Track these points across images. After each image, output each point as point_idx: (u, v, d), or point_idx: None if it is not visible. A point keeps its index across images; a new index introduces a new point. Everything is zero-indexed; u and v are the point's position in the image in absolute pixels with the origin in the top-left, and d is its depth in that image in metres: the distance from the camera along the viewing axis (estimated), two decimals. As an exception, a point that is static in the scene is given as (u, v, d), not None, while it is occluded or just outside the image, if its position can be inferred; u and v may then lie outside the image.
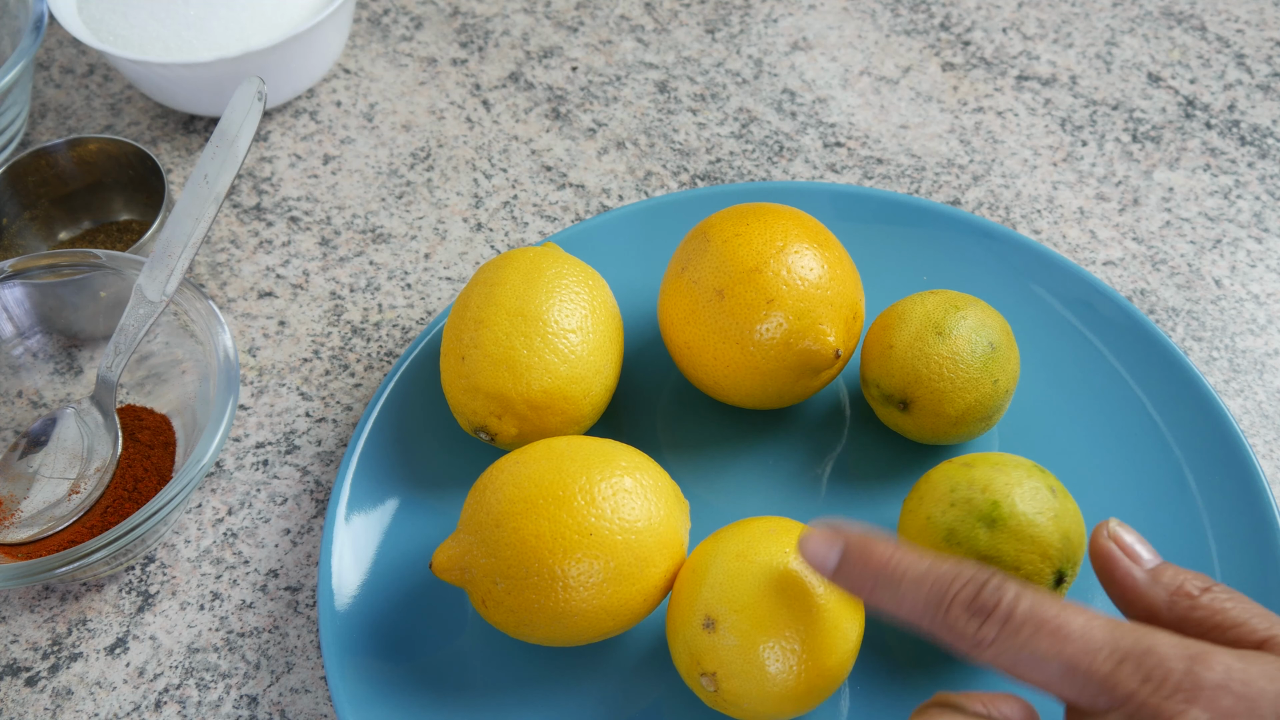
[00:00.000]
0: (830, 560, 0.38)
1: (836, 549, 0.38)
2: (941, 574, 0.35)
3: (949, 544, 0.43)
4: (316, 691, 0.48)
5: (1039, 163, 0.64)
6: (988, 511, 0.43)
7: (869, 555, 0.37)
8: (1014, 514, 0.43)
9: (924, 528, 0.44)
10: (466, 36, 0.72)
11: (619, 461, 0.44)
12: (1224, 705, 0.31)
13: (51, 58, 0.72)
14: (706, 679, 0.41)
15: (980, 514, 0.43)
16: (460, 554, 0.44)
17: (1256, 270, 0.59)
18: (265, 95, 0.53)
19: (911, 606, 0.36)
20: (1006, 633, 0.34)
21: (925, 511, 0.44)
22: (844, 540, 0.38)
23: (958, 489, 0.44)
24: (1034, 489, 0.44)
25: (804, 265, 0.48)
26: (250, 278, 0.61)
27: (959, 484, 0.44)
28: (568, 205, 0.63)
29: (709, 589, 0.41)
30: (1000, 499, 0.43)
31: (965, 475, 0.44)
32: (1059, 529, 0.43)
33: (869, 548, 0.37)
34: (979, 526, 0.43)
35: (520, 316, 0.48)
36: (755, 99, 0.68)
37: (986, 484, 0.44)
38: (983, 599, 0.34)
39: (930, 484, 0.45)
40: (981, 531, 0.43)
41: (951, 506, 0.44)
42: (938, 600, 0.35)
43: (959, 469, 0.45)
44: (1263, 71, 0.68)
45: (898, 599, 0.36)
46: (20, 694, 0.48)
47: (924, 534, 0.44)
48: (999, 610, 0.34)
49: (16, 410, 0.55)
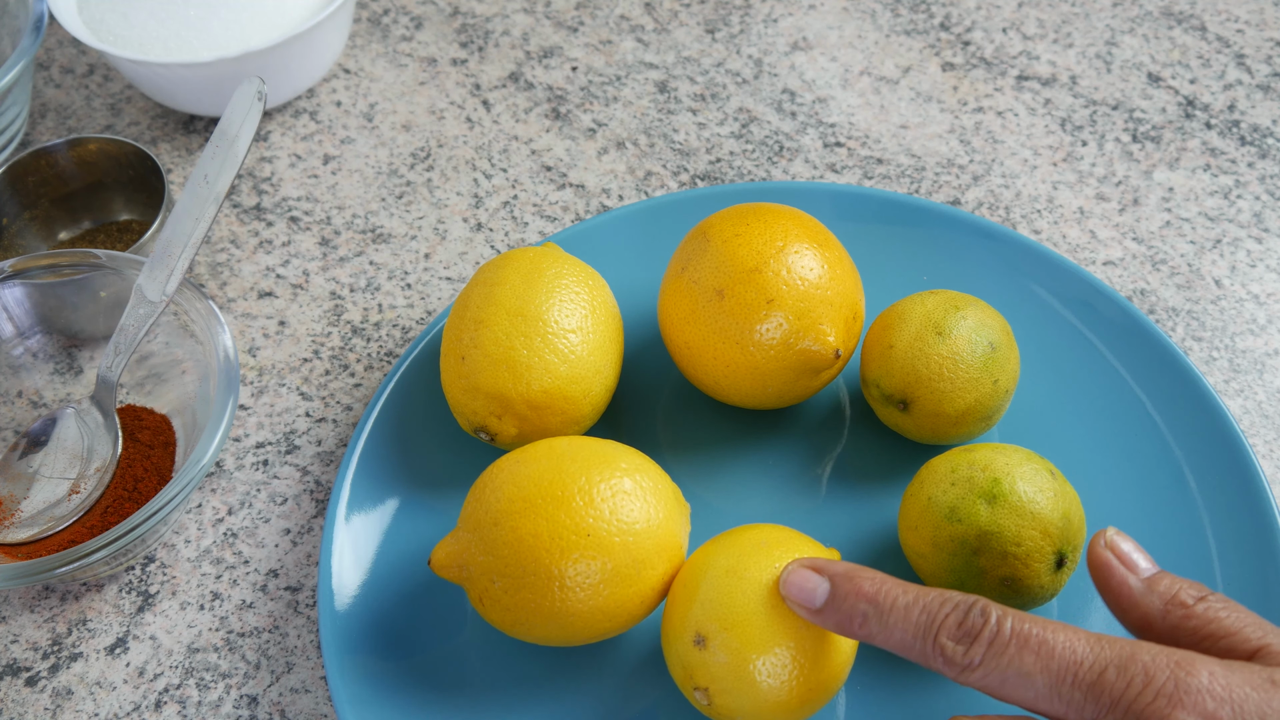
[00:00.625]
0: (818, 596, 0.38)
1: (824, 585, 0.38)
2: (928, 602, 0.36)
3: (950, 521, 0.44)
4: (316, 691, 0.48)
5: (1039, 163, 0.64)
6: (988, 488, 0.44)
7: (857, 588, 0.37)
8: (1014, 491, 0.44)
9: (925, 508, 0.45)
10: (466, 36, 0.72)
11: (619, 463, 0.44)
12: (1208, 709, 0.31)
13: (51, 58, 0.72)
14: (700, 693, 0.41)
15: (981, 491, 0.44)
16: (459, 551, 0.44)
17: (1256, 270, 0.59)
18: (265, 95, 0.53)
19: (901, 636, 0.36)
20: (993, 653, 0.34)
21: (926, 493, 0.45)
22: (829, 575, 0.38)
23: (958, 469, 0.45)
24: (1034, 470, 0.44)
25: (804, 265, 0.48)
26: (250, 278, 0.61)
27: (959, 465, 0.45)
28: (568, 205, 0.63)
29: (699, 605, 0.41)
30: (1001, 476, 0.44)
31: (966, 458, 0.45)
32: (1059, 508, 0.44)
33: (855, 580, 0.38)
34: (980, 503, 0.44)
35: (520, 316, 0.48)
36: (755, 99, 0.68)
37: (987, 464, 0.45)
38: (969, 622, 0.35)
39: (930, 469, 0.46)
40: (982, 507, 0.43)
41: (952, 486, 0.45)
42: (925, 627, 0.36)
43: (959, 453, 0.46)
44: (1263, 71, 0.68)
45: (886, 630, 0.37)
46: (20, 694, 0.48)
47: (926, 514, 0.45)
48: (985, 632, 0.35)
49: (16, 410, 0.55)
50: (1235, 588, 0.47)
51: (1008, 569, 0.43)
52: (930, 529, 0.45)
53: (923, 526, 0.45)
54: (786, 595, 0.39)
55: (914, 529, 0.46)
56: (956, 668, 0.35)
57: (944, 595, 0.36)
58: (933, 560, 0.45)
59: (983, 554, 0.43)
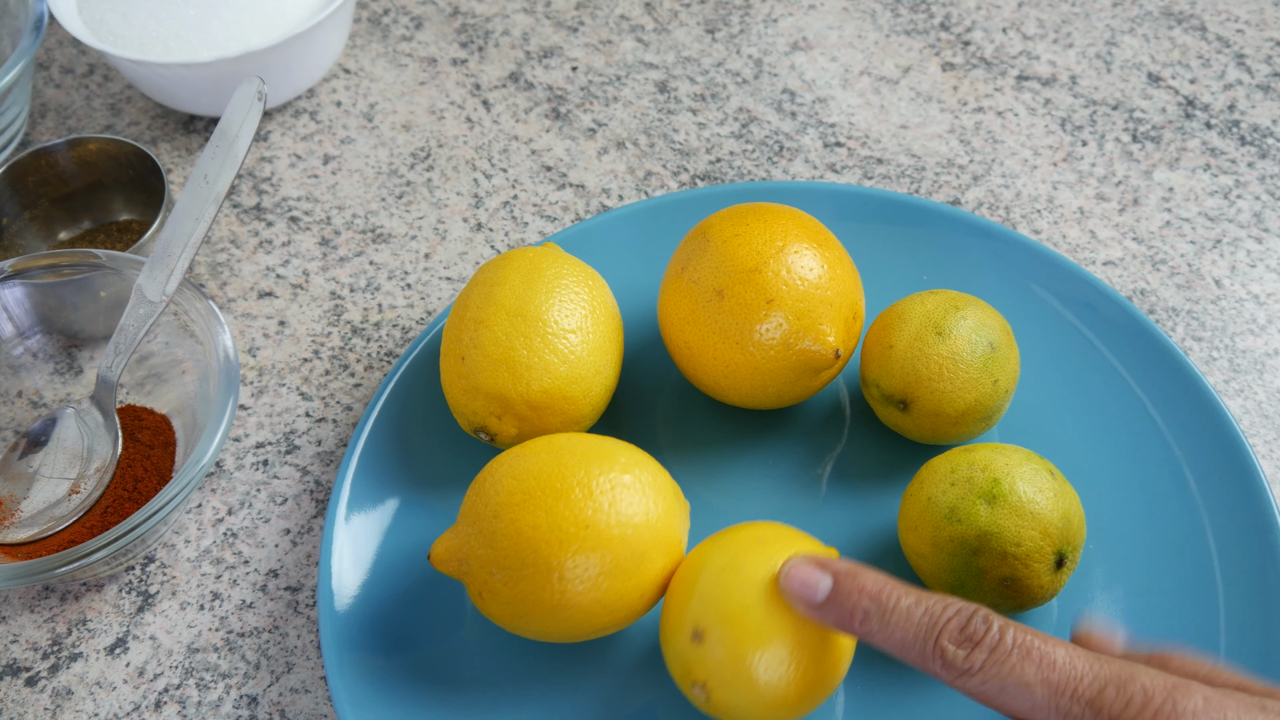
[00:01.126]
0: (820, 590, 0.38)
1: (826, 580, 0.38)
2: (931, 605, 0.36)
3: (950, 521, 0.44)
4: (316, 691, 0.48)
5: (1039, 163, 0.64)
6: (988, 489, 0.44)
7: (860, 585, 0.37)
8: (1014, 491, 0.44)
9: (925, 508, 0.45)
10: (466, 36, 0.72)
11: (619, 458, 0.44)
12: None
13: (51, 58, 0.72)
14: (698, 689, 0.41)
15: (981, 491, 0.44)
16: (458, 545, 0.44)
17: (1256, 270, 0.59)
18: (265, 95, 0.53)
19: (901, 636, 0.36)
20: (994, 660, 0.34)
21: (926, 493, 0.45)
22: (831, 571, 0.38)
23: (958, 469, 0.45)
24: (1034, 470, 0.45)
25: (804, 265, 0.48)
26: (250, 278, 0.61)
27: (959, 465, 0.45)
28: (568, 205, 0.63)
29: (697, 600, 0.41)
30: (1001, 477, 0.44)
31: (966, 458, 0.45)
32: (1059, 509, 0.44)
33: (858, 577, 0.38)
34: (979, 503, 0.44)
35: (520, 317, 0.48)
36: (755, 99, 0.68)
37: (987, 464, 0.45)
38: (972, 627, 0.35)
39: (930, 469, 0.46)
40: (982, 508, 0.44)
41: (952, 486, 0.45)
42: (927, 629, 0.36)
43: (959, 453, 0.46)
44: (1263, 71, 0.68)
45: (886, 629, 0.37)
46: (20, 694, 0.48)
47: (925, 514, 0.45)
48: (987, 638, 0.35)
49: (16, 410, 0.55)
50: (1235, 588, 0.47)
51: (1007, 569, 0.43)
52: (930, 529, 0.45)
53: (922, 526, 0.45)
54: (787, 589, 0.39)
55: (914, 529, 0.46)
56: (955, 671, 0.35)
57: (947, 600, 0.36)
58: (932, 560, 0.45)
59: (982, 554, 0.43)
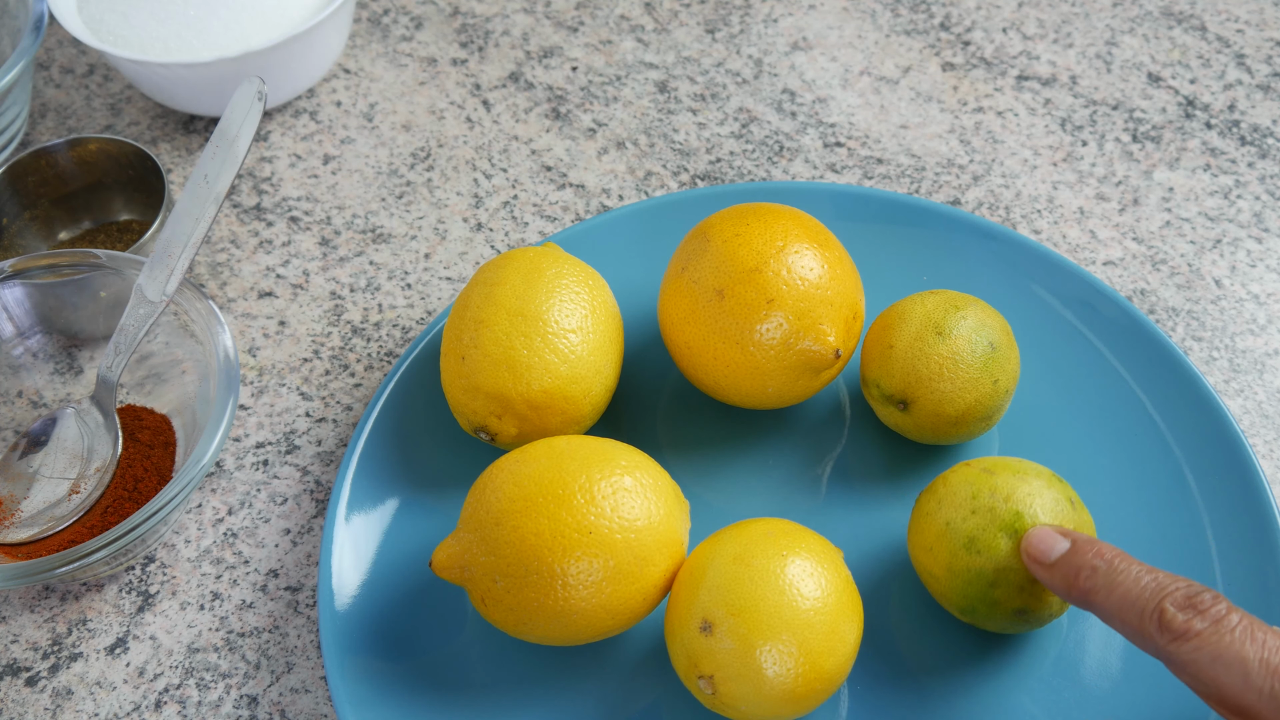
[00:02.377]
0: (1055, 550, 0.41)
1: (1064, 543, 0.41)
2: (1160, 575, 0.38)
3: (969, 552, 0.43)
4: (316, 691, 0.48)
5: (1039, 163, 0.64)
6: (1010, 522, 0.43)
7: (1097, 549, 0.40)
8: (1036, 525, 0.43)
9: (943, 532, 0.44)
10: (466, 36, 0.72)
11: (619, 460, 0.44)
12: None
13: (51, 58, 0.72)
14: (704, 681, 0.41)
15: (1003, 524, 0.43)
16: (460, 552, 0.44)
17: (1256, 270, 0.59)
18: (265, 95, 0.53)
19: (1123, 595, 0.38)
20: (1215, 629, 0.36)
21: (945, 516, 0.44)
22: (1071, 538, 0.41)
23: (979, 496, 0.44)
24: (1055, 500, 0.44)
25: (804, 265, 0.48)
26: (250, 278, 0.61)
27: (980, 491, 0.44)
28: (568, 205, 0.63)
29: (706, 592, 0.41)
30: (1023, 510, 0.43)
31: (987, 483, 0.44)
32: None
33: (1097, 544, 0.41)
34: (1001, 536, 0.43)
35: (520, 316, 0.48)
36: (755, 99, 0.68)
37: (1009, 493, 0.44)
38: (1200, 598, 0.37)
39: (950, 488, 0.45)
40: (1003, 541, 0.43)
41: (973, 514, 0.44)
42: (1153, 591, 0.38)
43: (980, 475, 0.45)
44: (1263, 71, 0.68)
45: (1110, 586, 0.39)
46: (20, 694, 0.48)
47: (943, 539, 0.44)
48: (1213, 610, 0.37)
49: (16, 410, 0.55)
50: (1235, 588, 0.47)
51: (1022, 602, 0.43)
52: (947, 555, 0.44)
53: (939, 550, 0.44)
54: (1027, 549, 0.42)
55: (929, 550, 0.45)
56: (1170, 635, 0.37)
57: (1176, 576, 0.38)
58: (945, 583, 0.44)
59: (999, 586, 0.43)
